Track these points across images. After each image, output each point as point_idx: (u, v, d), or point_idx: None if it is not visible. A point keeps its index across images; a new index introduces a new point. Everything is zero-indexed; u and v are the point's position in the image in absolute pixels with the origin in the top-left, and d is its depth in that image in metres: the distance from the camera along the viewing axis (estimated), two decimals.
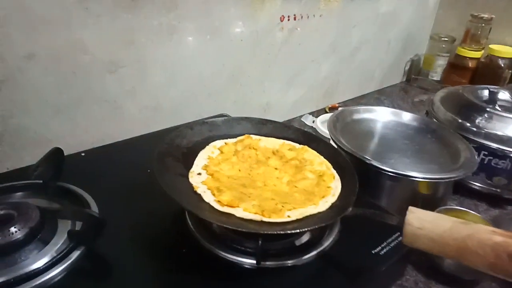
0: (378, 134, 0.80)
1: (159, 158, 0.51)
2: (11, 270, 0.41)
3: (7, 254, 0.43)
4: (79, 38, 0.66)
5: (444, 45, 1.40)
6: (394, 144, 0.75)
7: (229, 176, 0.54)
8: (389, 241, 0.52)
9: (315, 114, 1.14)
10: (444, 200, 0.72)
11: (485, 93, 0.90)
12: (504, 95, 0.90)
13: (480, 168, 0.77)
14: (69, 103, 0.69)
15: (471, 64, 1.35)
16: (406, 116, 0.83)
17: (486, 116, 0.79)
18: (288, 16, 0.95)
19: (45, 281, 0.41)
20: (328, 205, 0.49)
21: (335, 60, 1.16)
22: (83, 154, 0.67)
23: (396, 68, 1.48)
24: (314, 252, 0.48)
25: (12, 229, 0.43)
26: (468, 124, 0.79)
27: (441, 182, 0.66)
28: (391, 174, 0.62)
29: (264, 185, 0.54)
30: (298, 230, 0.45)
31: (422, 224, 0.41)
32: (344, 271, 0.48)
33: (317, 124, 1.05)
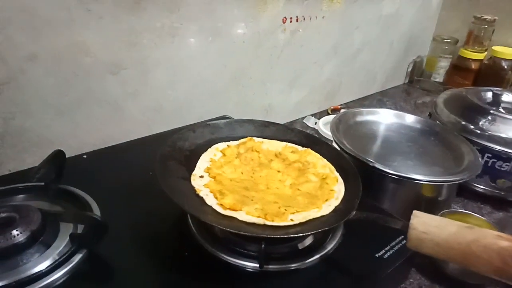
0: (381, 137, 0.79)
1: (162, 161, 0.51)
2: (13, 274, 0.41)
3: (9, 257, 0.42)
4: (81, 40, 0.65)
5: (447, 47, 1.40)
6: (397, 147, 0.75)
7: (232, 179, 0.54)
8: (393, 245, 0.51)
9: (318, 116, 1.14)
10: (448, 203, 0.71)
11: (489, 95, 0.90)
12: (508, 97, 0.90)
13: (484, 171, 0.76)
14: (71, 105, 0.69)
15: (474, 66, 1.34)
16: (409, 118, 0.83)
17: (490, 118, 0.78)
18: (290, 18, 0.95)
19: (47, 285, 0.41)
20: (332, 209, 0.49)
21: (338, 62, 1.16)
22: (85, 156, 0.67)
23: (399, 70, 1.48)
24: (317, 256, 0.48)
25: (14, 232, 0.43)
26: (472, 126, 0.79)
27: (445, 185, 0.65)
28: (395, 177, 0.62)
29: (267, 188, 0.53)
30: (301, 234, 0.45)
31: (427, 229, 0.41)
32: (348, 275, 0.48)
33: (320, 126, 1.04)
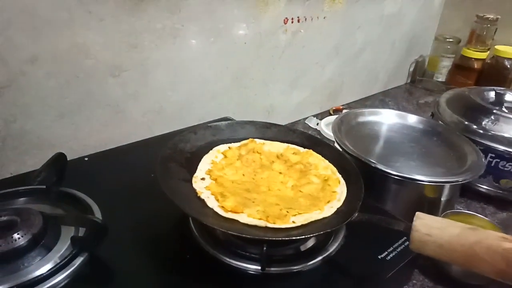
0: (384, 137, 0.79)
1: (163, 163, 0.51)
2: (14, 277, 0.41)
3: (10, 261, 0.42)
4: (82, 41, 0.65)
5: (449, 46, 1.39)
6: (400, 147, 0.75)
7: (233, 181, 0.54)
8: (396, 246, 0.51)
9: (319, 117, 1.13)
10: (451, 204, 0.71)
11: (492, 95, 0.89)
12: (511, 97, 0.89)
13: (487, 171, 0.75)
14: (72, 107, 0.69)
15: (477, 65, 1.33)
16: (412, 119, 0.83)
17: (493, 118, 0.78)
18: (292, 18, 0.94)
19: None
20: (334, 210, 0.49)
21: (339, 62, 1.15)
22: (86, 159, 0.67)
23: (401, 70, 1.47)
24: (320, 258, 0.48)
25: (15, 236, 0.43)
26: (475, 126, 0.78)
27: (448, 186, 0.65)
28: (397, 178, 0.61)
29: (269, 190, 0.53)
30: (303, 236, 0.45)
31: (430, 231, 0.40)
32: (350, 277, 0.48)
33: (321, 127, 1.04)
